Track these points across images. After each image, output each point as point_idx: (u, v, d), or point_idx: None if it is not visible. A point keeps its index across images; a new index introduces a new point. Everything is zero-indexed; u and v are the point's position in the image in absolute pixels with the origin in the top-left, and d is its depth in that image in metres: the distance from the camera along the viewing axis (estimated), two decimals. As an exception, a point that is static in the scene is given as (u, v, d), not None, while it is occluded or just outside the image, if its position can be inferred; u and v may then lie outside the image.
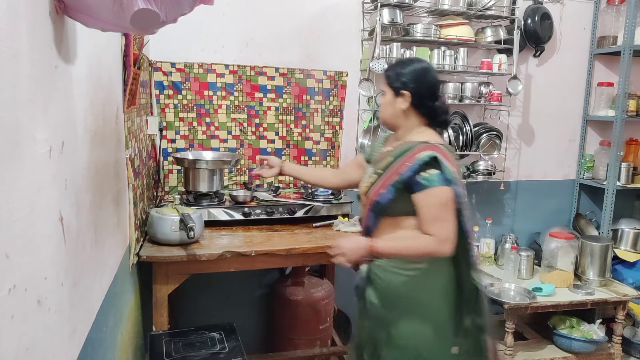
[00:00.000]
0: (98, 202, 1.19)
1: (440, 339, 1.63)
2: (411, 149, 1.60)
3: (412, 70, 1.65)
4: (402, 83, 1.64)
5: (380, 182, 1.63)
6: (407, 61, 1.72)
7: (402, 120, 1.69)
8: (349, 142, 2.88)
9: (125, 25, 0.83)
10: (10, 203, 0.66)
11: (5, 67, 0.65)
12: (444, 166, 1.55)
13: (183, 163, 2.30)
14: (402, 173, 1.57)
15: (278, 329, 2.62)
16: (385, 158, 1.68)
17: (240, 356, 1.47)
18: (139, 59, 1.84)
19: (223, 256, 1.93)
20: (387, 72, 1.71)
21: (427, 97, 1.66)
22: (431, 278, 1.63)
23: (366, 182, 1.71)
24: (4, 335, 0.63)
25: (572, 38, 3.21)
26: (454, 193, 1.56)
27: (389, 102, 1.69)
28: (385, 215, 1.64)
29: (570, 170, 3.39)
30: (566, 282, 2.84)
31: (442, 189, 1.54)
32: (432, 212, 1.55)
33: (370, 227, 1.67)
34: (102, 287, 1.25)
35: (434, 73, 1.69)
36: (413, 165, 1.55)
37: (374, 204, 1.63)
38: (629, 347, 2.95)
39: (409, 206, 1.59)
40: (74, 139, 0.99)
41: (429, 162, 1.54)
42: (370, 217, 1.66)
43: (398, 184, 1.58)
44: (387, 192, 1.60)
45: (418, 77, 1.64)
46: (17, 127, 0.68)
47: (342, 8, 2.76)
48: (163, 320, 1.92)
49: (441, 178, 1.54)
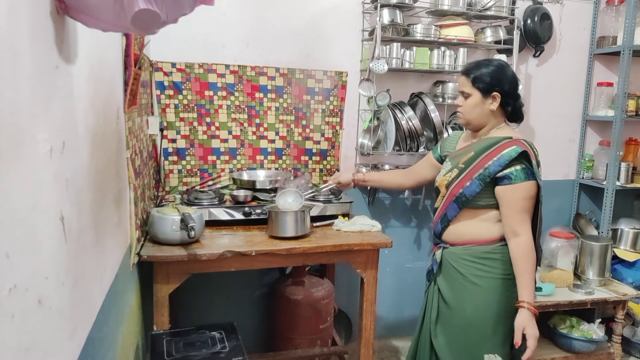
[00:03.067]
0: (99, 202, 1.20)
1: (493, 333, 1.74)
2: (496, 144, 1.71)
3: (499, 72, 1.73)
4: (491, 85, 1.72)
5: (465, 175, 1.74)
6: (489, 62, 1.78)
7: (488, 120, 1.77)
8: (349, 142, 2.89)
9: (126, 26, 0.83)
10: (11, 203, 0.66)
11: (6, 67, 0.65)
12: (530, 161, 1.66)
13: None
14: (488, 167, 1.69)
15: (278, 329, 2.63)
16: (466, 153, 1.78)
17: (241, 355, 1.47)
18: (140, 59, 1.84)
19: (224, 256, 1.93)
20: (472, 75, 1.74)
21: (513, 96, 1.75)
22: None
23: (446, 176, 1.82)
24: (5, 334, 0.64)
25: (571, 38, 3.21)
26: (537, 187, 1.68)
27: (477, 103, 1.75)
28: (467, 207, 1.76)
29: (570, 170, 3.39)
30: (566, 282, 2.85)
31: (528, 184, 1.66)
32: (519, 205, 1.67)
33: (449, 216, 1.81)
34: (102, 287, 1.25)
35: (513, 72, 1.78)
36: (500, 160, 1.67)
37: (459, 196, 1.75)
38: (629, 347, 2.96)
39: (491, 199, 1.73)
40: (74, 139, 0.99)
41: (517, 157, 1.65)
42: (452, 207, 1.79)
43: (484, 177, 1.69)
44: (473, 185, 1.72)
45: (505, 78, 1.73)
46: (18, 127, 0.69)
47: (342, 8, 2.76)
48: (164, 320, 1.92)
49: (528, 172, 1.66)
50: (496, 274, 1.73)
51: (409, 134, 2.71)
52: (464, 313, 1.76)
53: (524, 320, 1.64)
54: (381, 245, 2.15)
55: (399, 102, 2.79)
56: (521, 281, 1.67)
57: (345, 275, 2.95)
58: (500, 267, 1.73)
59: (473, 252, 1.76)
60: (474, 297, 1.74)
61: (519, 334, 1.64)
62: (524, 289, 1.66)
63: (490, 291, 1.73)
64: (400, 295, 3.17)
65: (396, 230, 3.04)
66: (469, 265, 1.76)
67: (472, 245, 1.77)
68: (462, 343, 1.77)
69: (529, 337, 1.62)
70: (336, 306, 2.81)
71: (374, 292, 2.21)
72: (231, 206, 2.28)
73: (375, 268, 2.19)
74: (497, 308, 1.73)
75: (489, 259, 1.73)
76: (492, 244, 1.75)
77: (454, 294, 1.79)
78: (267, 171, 2.71)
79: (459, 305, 1.78)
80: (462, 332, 1.77)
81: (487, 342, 1.74)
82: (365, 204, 2.97)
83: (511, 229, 1.69)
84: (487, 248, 1.74)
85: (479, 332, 1.74)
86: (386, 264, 3.01)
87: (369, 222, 2.33)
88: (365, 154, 2.80)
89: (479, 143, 1.77)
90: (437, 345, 1.82)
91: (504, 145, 1.69)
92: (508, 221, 1.69)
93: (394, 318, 3.18)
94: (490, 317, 1.73)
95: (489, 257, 1.73)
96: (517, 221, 1.67)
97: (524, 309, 1.64)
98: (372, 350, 2.28)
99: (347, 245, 2.11)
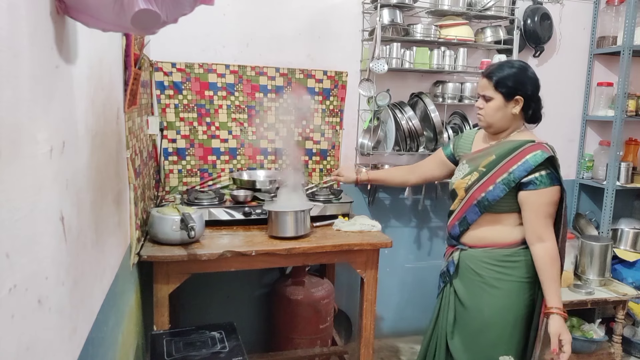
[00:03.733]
0: (99, 202, 1.20)
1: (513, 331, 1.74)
2: (519, 147, 1.69)
3: (522, 75, 1.70)
4: (515, 88, 1.68)
5: (487, 179, 1.71)
6: (512, 65, 1.74)
7: (510, 123, 1.74)
8: (349, 142, 2.89)
9: (126, 26, 0.83)
10: (11, 203, 0.66)
11: (6, 68, 0.65)
12: (555, 167, 1.67)
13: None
14: (512, 171, 1.67)
15: (278, 329, 2.63)
16: (486, 156, 1.75)
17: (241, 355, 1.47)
18: (140, 59, 1.84)
19: (224, 256, 1.93)
20: (494, 78, 1.70)
21: (535, 100, 1.73)
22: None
23: (465, 179, 1.78)
24: (5, 334, 0.64)
25: (571, 38, 3.21)
26: (561, 192, 1.67)
27: (499, 107, 1.71)
28: (488, 211, 1.73)
29: (570, 170, 3.39)
30: (566, 282, 2.84)
31: (552, 189, 1.66)
32: (543, 210, 1.65)
33: (469, 220, 1.77)
34: (102, 287, 1.25)
35: (535, 74, 1.74)
36: (526, 165, 1.65)
37: (481, 200, 1.72)
38: (629, 347, 2.96)
39: (513, 203, 1.70)
40: (74, 139, 0.99)
41: (542, 162, 1.64)
42: (472, 210, 1.75)
43: (509, 181, 1.67)
44: (496, 189, 1.69)
45: (528, 81, 1.70)
46: (18, 127, 0.69)
47: (342, 8, 2.76)
48: (164, 320, 1.92)
49: (552, 178, 1.66)
50: (516, 277, 1.71)
51: (409, 134, 2.71)
52: (482, 315, 1.74)
53: (559, 327, 1.63)
54: (381, 245, 2.15)
55: (399, 102, 2.79)
56: (549, 287, 1.65)
57: (345, 275, 2.95)
58: (521, 271, 1.71)
59: (494, 255, 1.73)
60: (492, 299, 1.73)
61: (555, 340, 1.63)
62: (553, 294, 1.64)
63: (510, 294, 1.72)
64: (400, 295, 3.17)
65: (396, 230, 3.04)
66: (489, 268, 1.74)
67: (493, 249, 1.74)
68: (479, 345, 1.76)
69: (565, 343, 1.62)
70: (336, 306, 2.81)
71: (374, 292, 2.21)
72: (231, 206, 2.28)
73: (375, 268, 2.19)
74: (516, 311, 1.72)
75: (509, 262, 1.72)
76: (513, 247, 1.73)
77: (472, 296, 1.77)
78: (267, 171, 2.71)
79: (476, 307, 1.76)
80: (479, 334, 1.76)
81: (504, 344, 1.73)
82: (365, 204, 2.97)
83: (536, 234, 1.67)
84: (508, 252, 1.72)
85: (496, 334, 1.73)
86: (386, 264, 3.01)
87: (369, 222, 2.34)
88: (365, 154, 2.80)
89: (499, 146, 1.74)
90: (453, 346, 1.80)
91: (528, 150, 1.67)
92: (532, 226, 1.67)
93: (394, 318, 3.18)
94: (509, 320, 1.72)
95: (510, 260, 1.72)
96: (542, 226, 1.65)
97: (556, 315, 1.63)
98: (372, 350, 2.28)
99: (347, 245, 2.11)
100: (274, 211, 2.11)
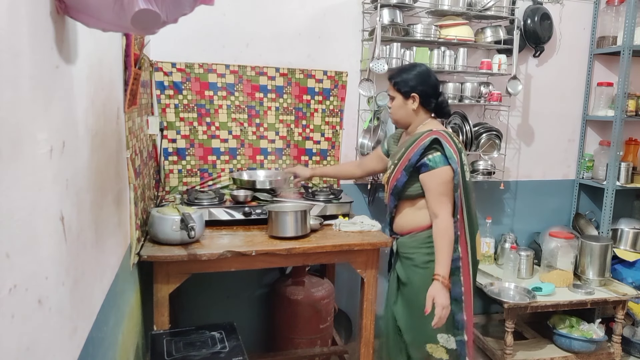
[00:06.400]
0: (99, 202, 1.20)
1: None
2: (419, 138, 1.91)
3: (417, 75, 1.94)
4: (410, 87, 1.94)
5: (397, 169, 1.96)
6: (410, 67, 2.01)
7: (413, 118, 1.98)
8: (349, 142, 2.89)
9: (126, 26, 0.83)
10: (11, 203, 0.66)
11: (6, 68, 0.65)
12: (444, 147, 1.85)
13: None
14: (411, 158, 1.89)
15: (278, 329, 2.63)
16: (399, 150, 2.00)
17: (241, 355, 1.47)
18: (140, 59, 1.84)
19: (224, 256, 1.93)
20: (394, 79, 1.97)
21: (432, 95, 1.96)
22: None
23: (387, 173, 2.05)
24: (5, 334, 0.64)
25: (571, 38, 3.21)
26: (453, 170, 1.85)
27: (400, 105, 1.98)
28: (403, 198, 1.98)
29: (569, 170, 3.39)
30: (566, 282, 2.85)
31: (443, 169, 1.86)
32: (438, 189, 1.86)
33: (391, 208, 2.05)
34: (102, 287, 1.25)
35: (434, 74, 1.99)
36: (419, 150, 1.87)
37: (393, 188, 1.98)
38: (629, 347, 2.96)
39: (419, 187, 1.92)
40: (74, 139, 0.99)
41: (430, 145, 1.85)
42: (391, 200, 2.03)
43: (409, 167, 1.90)
44: (402, 177, 1.93)
45: (423, 80, 1.94)
46: (18, 127, 0.69)
47: (342, 8, 2.76)
48: (164, 320, 1.92)
49: (443, 159, 1.85)
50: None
51: (409, 134, 2.72)
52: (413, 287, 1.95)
53: (435, 291, 1.82)
54: (381, 244, 2.15)
55: (399, 102, 2.79)
56: (439, 257, 1.85)
57: (345, 275, 2.95)
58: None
59: (418, 239, 1.95)
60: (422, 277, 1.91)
61: (429, 302, 1.82)
62: (440, 263, 1.84)
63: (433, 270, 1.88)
64: (400, 295, 3.17)
65: (396, 230, 3.04)
66: (415, 251, 1.95)
67: (415, 233, 1.96)
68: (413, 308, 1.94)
69: (437, 306, 1.80)
70: (336, 306, 2.81)
71: (374, 292, 2.21)
72: (231, 206, 2.28)
73: (375, 268, 2.19)
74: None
75: (431, 243, 1.89)
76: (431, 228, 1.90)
77: (407, 275, 1.98)
78: (267, 171, 2.71)
79: (410, 282, 1.97)
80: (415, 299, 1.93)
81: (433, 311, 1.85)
82: (365, 204, 2.97)
83: (432, 211, 1.88)
84: (429, 232, 1.91)
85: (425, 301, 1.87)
86: (386, 263, 3.00)
87: (369, 222, 2.34)
88: (365, 153, 2.80)
89: (408, 140, 1.97)
90: (396, 310, 2.03)
91: (424, 137, 1.89)
92: (430, 205, 1.89)
93: (394, 318, 3.18)
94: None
95: (431, 241, 1.89)
96: (437, 203, 1.86)
97: (437, 282, 1.82)
98: (372, 350, 2.28)
99: (347, 245, 2.11)
100: (274, 211, 2.12)
